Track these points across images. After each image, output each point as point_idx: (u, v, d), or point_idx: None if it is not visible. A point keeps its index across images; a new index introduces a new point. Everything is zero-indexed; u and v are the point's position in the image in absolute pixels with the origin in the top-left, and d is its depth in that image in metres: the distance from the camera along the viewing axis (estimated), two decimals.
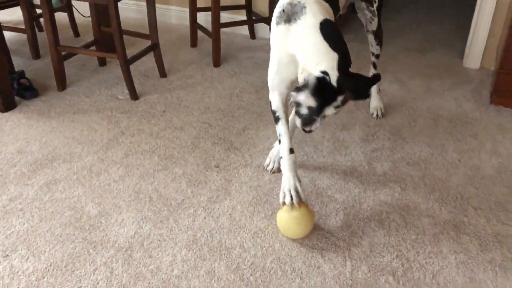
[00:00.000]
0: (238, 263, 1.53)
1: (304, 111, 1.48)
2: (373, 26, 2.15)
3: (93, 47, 2.85)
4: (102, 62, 2.92)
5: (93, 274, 1.48)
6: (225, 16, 3.17)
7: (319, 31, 1.45)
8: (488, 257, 1.56)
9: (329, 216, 1.74)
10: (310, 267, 1.52)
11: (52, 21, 2.45)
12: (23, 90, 2.50)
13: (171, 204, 1.79)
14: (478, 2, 2.81)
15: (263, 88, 2.68)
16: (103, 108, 2.45)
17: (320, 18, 1.47)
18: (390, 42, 3.24)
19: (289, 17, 1.52)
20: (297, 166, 1.72)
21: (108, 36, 2.81)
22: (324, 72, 1.42)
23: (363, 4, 2.08)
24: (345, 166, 2.02)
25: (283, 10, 1.54)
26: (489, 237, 1.64)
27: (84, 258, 1.54)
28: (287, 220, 1.59)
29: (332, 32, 1.46)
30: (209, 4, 3.23)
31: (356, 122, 2.33)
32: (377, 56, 2.29)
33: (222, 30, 2.91)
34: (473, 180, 1.93)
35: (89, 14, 2.88)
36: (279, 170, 1.90)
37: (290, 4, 1.52)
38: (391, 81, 2.77)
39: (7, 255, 1.55)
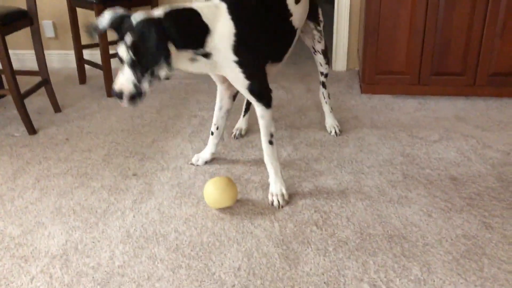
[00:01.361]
0: (176, 244, 1.61)
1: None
2: (322, 45, 2.19)
3: None
4: None
5: (31, 282, 1.45)
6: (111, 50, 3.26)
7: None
8: (387, 198, 1.84)
9: (250, 193, 1.90)
10: (243, 233, 1.65)
11: None
12: None
13: (96, 212, 1.81)
14: (335, 17, 3.30)
15: (163, 108, 2.80)
16: (0, 146, 2.36)
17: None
18: None
19: None
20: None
21: None
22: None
23: (311, 25, 2.12)
24: (254, 155, 2.21)
25: None
26: (384, 184, 1.94)
27: (17, 271, 1.49)
28: (214, 190, 1.73)
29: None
30: (93, 41, 3.31)
31: (255, 122, 2.56)
32: (326, 76, 2.30)
33: (112, 63, 3.00)
34: (361, 148, 2.25)
35: None
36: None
37: None
38: (277, 88, 3.08)
39: None
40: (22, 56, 3.60)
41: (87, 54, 3.35)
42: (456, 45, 2.65)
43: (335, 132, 2.38)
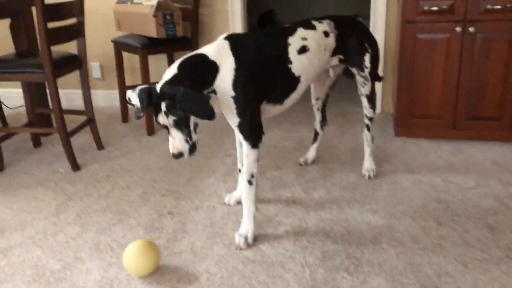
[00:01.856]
0: (207, 285, 1.64)
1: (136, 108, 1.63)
2: (366, 90, 2.25)
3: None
4: (37, 143, 2.98)
5: None
6: None
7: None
8: (420, 246, 1.82)
9: (281, 236, 1.92)
10: (274, 278, 1.67)
11: None
12: None
13: None
14: None
15: (199, 147, 2.88)
16: (46, 181, 2.49)
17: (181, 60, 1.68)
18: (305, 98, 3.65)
19: None
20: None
21: (42, 118, 2.92)
22: (155, 83, 1.63)
23: (354, 70, 2.21)
24: (286, 197, 2.24)
25: None
26: (417, 231, 1.92)
27: None
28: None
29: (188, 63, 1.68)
30: (136, 83, 3.48)
31: (287, 162, 2.60)
32: (370, 119, 2.36)
33: None
34: (395, 192, 2.24)
35: (15, 105, 2.98)
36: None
37: None
38: (309, 131, 3.12)
39: None
40: (71, 95, 3.82)
41: None
42: (492, 89, 2.63)
43: (369, 175, 2.39)
